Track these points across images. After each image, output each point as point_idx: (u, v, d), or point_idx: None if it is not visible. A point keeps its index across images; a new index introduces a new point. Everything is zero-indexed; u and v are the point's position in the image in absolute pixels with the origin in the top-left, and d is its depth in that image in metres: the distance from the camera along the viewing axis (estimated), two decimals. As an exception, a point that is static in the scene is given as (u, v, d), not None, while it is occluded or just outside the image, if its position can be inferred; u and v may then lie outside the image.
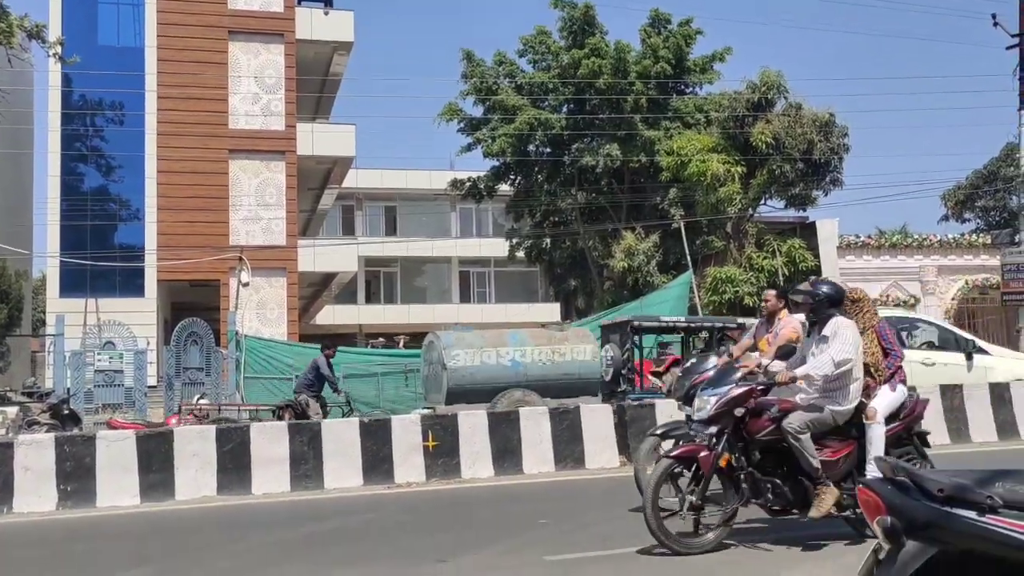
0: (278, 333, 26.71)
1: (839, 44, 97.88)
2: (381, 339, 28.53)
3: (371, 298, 48.15)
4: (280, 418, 15.13)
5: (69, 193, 26.84)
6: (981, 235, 29.37)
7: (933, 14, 69.47)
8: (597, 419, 12.95)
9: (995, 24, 25.82)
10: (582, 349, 16.73)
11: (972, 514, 3.03)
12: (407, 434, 12.06)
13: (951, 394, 14.41)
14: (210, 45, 27.51)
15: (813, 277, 15.62)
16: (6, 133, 26.13)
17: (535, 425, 12.59)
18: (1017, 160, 25.99)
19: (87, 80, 26.12)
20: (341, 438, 11.81)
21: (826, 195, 27.84)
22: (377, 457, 11.87)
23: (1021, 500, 3.03)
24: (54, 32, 24.29)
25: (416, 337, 23.85)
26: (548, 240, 34.77)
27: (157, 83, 27.10)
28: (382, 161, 58.01)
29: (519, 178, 32.92)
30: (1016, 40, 25.38)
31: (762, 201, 28.54)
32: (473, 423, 12.39)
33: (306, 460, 11.59)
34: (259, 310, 27.34)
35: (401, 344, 26.52)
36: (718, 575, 6.91)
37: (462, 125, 31.81)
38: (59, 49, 23.05)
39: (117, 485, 10.82)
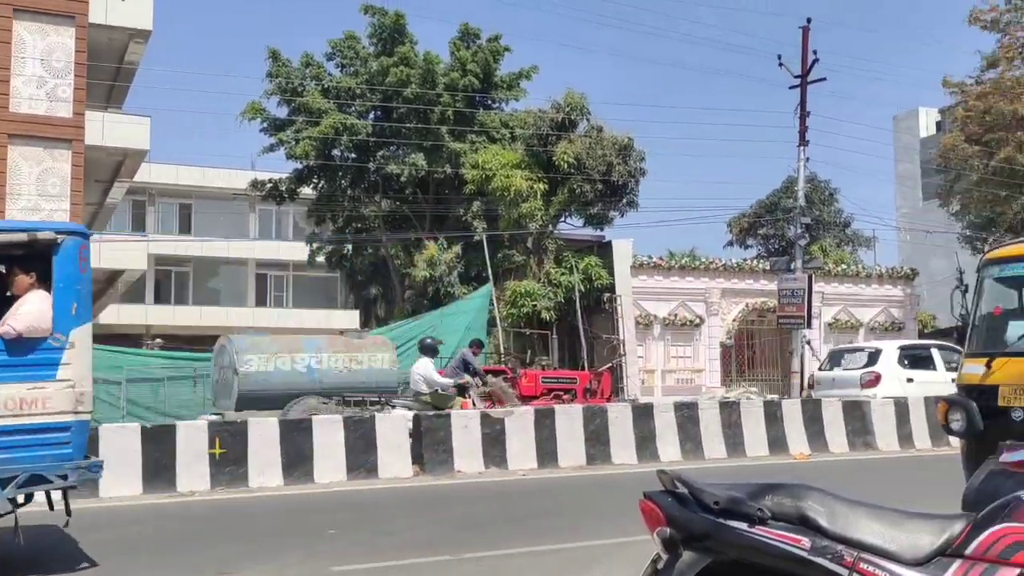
0: (56, 332, 25.12)
1: (641, 73, 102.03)
2: (159, 340, 27.41)
3: (161, 298, 46.11)
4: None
5: None
6: (761, 261, 31.24)
7: (731, 51, 73.50)
8: (392, 428, 12.89)
9: (780, 65, 27.57)
10: (380, 357, 16.66)
11: (744, 525, 3.19)
12: (192, 441, 11.62)
13: (728, 411, 15.24)
14: (-8, 21, 25.65)
15: None
16: None
17: (329, 433, 12.40)
18: (796, 192, 27.76)
19: None
20: (120, 444, 11.23)
21: (622, 216, 29.02)
22: (159, 464, 11.36)
23: (786, 511, 3.21)
24: None
25: (207, 340, 22.99)
26: (350, 247, 34.38)
27: (-71, 58, 25.04)
28: (179, 156, 55.88)
29: (322, 182, 32.39)
30: (798, 81, 27.18)
31: (562, 218, 29.33)
32: (263, 430, 12.08)
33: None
34: (36, 307, 25.66)
35: (151, 346, 25.30)
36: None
37: (265, 125, 30.97)
38: None
39: None
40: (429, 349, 16.45)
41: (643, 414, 14.61)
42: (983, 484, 5.01)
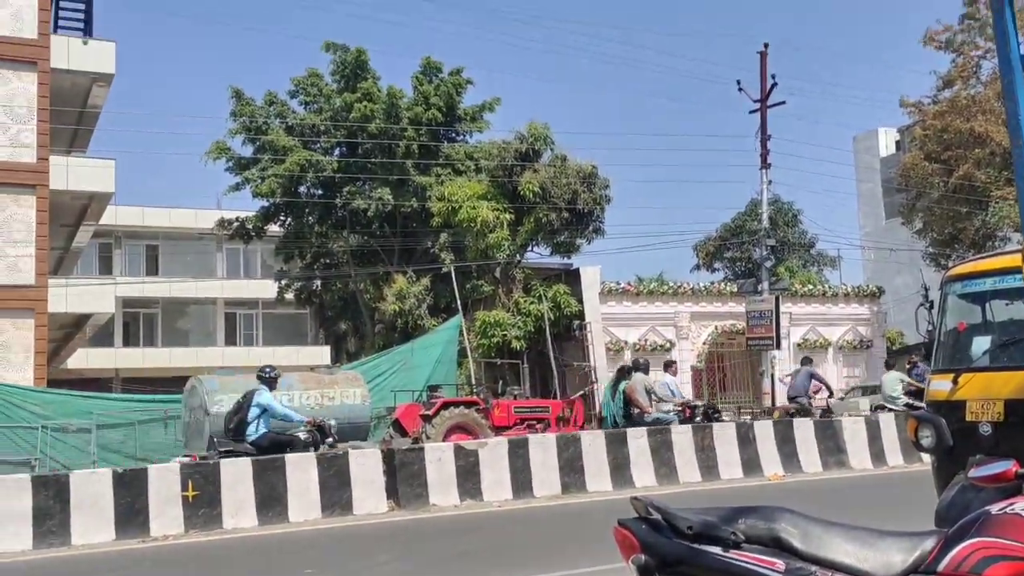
0: (23, 378, 24.76)
1: (602, 101, 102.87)
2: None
3: (130, 340, 45.67)
4: None
5: None
6: (728, 284, 31.51)
7: (691, 77, 74.35)
8: (366, 464, 12.83)
9: (740, 90, 27.95)
10: (352, 392, 16.62)
11: (718, 550, 3.22)
12: (165, 484, 11.50)
13: (702, 434, 15.29)
14: (-48, 68, 25.50)
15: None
16: None
17: (302, 471, 12.32)
18: (760, 215, 28.05)
19: None
20: (91, 490, 11.10)
21: (589, 243, 29.20)
22: (132, 509, 11.23)
23: (760, 534, 3.25)
24: None
25: (177, 382, 22.78)
26: (319, 282, 34.29)
27: None
28: (144, 198, 55.56)
29: (289, 219, 32.35)
30: (757, 105, 27.55)
31: (529, 247, 29.46)
32: (236, 471, 11.98)
33: (51, 515, 10.81)
34: (2, 353, 25.33)
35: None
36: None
37: (230, 164, 30.95)
38: None
39: None
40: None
41: (616, 440, 14.62)
42: (954, 499, 5.07)
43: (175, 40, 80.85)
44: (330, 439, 13.51)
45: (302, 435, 13.37)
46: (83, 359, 40.46)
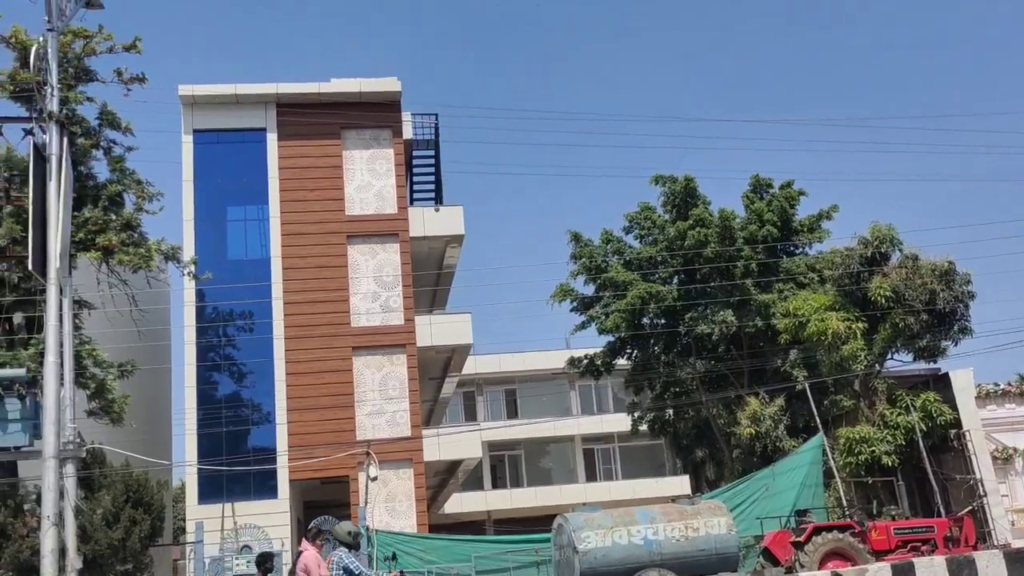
0: (408, 525, 26.66)
1: (946, 191, 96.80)
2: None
3: (497, 483, 47.82)
4: None
5: (205, 402, 27.91)
6: None
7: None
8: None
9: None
10: (716, 522, 16.27)
11: None
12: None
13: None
14: (330, 251, 28.90)
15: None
16: (145, 351, 27.55)
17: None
18: None
19: (219, 293, 27.62)
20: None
21: (956, 344, 26.97)
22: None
23: None
24: (188, 252, 25.94)
25: (544, 520, 23.47)
26: (671, 411, 34.30)
27: (283, 290, 28.45)
28: (499, 345, 58.91)
29: (635, 351, 32.90)
30: None
31: (888, 356, 27.80)
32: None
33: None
34: (388, 503, 27.44)
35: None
36: None
37: (574, 304, 32.25)
38: (193, 268, 24.62)
39: None
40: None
41: (1019, 561, 13.17)
42: None
43: (513, 194, 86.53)
44: None
45: None
46: (457, 503, 42.83)
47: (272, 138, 29.32)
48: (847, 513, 21.65)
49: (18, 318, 22.01)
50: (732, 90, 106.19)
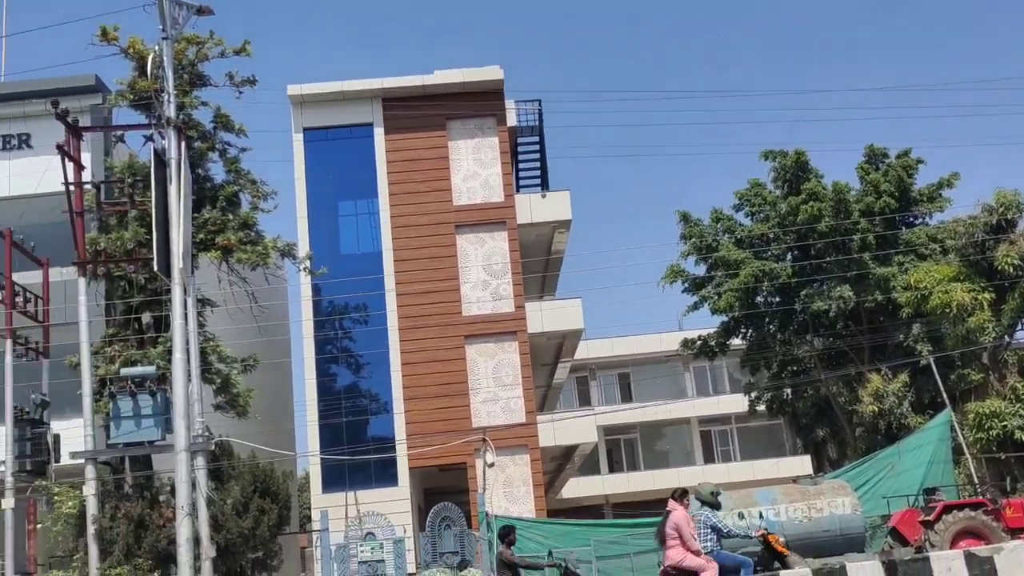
0: (526, 510, 26.87)
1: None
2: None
3: (614, 467, 47.72)
4: None
5: (324, 393, 28.65)
6: None
7: None
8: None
9: None
10: (840, 502, 15.93)
11: None
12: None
13: None
14: (440, 241, 29.26)
15: None
16: (266, 345, 28.37)
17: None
18: None
19: (334, 287, 28.26)
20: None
21: (1094, 312, 25.75)
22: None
23: None
24: (303, 248, 26.60)
25: (662, 504, 23.31)
26: (789, 391, 33.67)
27: (395, 282, 28.94)
28: (610, 329, 58.72)
29: (750, 331, 32.39)
30: None
31: (1019, 326, 26.73)
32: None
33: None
34: (506, 488, 27.70)
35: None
36: None
37: (686, 285, 31.90)
38: (308, 263, 25.22)
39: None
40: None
41: None
42: None
43: (618, 174, 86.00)
44: None
45: None
46: (575, 488, 42.91)
47: (379, 132, 29.80)
48: (979, 490, 20.89)
49: (146, 318, 22.91)
50: (840, 64, 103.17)
